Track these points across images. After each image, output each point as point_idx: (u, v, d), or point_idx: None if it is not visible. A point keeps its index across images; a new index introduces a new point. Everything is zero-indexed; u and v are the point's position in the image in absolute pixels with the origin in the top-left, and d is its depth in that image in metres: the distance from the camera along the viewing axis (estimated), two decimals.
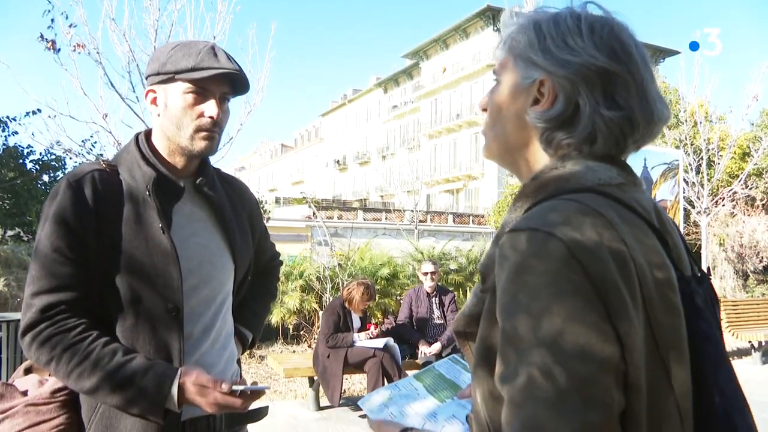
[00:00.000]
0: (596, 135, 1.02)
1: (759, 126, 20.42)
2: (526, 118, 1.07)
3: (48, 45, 7.39)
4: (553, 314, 0.83)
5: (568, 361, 0.81)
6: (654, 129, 1.06)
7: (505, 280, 0.90)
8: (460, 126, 51.80)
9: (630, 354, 0.85)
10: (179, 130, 1.72)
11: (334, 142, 76.08)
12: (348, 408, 6.86)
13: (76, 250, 1.58)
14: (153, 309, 1.64)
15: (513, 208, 1.05)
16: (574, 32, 1.03)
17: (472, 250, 14.18)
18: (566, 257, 0.85)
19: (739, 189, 14.78)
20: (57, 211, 1.59)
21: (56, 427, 1.58)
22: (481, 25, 49.73)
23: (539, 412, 0.81)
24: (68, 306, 1.57)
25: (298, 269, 11.38)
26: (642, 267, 0.90)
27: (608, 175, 1.01)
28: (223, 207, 1.85)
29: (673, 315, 0.93)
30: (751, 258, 16.80)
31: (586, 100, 1.01)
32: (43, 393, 1.60)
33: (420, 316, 7.41)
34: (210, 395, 1.56)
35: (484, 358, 0.98)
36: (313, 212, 15.43)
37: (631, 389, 0.85)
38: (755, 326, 10.10)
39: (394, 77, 64.88)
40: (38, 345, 1.55)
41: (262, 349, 10.12)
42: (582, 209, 0.91)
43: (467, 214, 45.00)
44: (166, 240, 1.66)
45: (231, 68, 1.70)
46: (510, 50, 1.11)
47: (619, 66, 1.01)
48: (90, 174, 1.66)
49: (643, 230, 0.96)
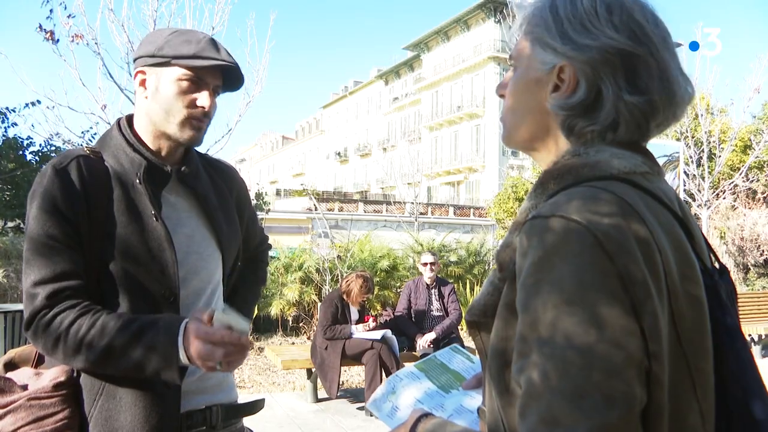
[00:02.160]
0: (619, 121, 0.99)
1: (761, 118, 20.37)
2: (546, 105, 1.04)
3: (47, 35, 7.38)
4: (577, 305, 0.81)
5: (590, 354, 0.79)
6: (677, 110, 1.03)
7: (528, 267, 0.87)
8: (461, 118, 51.76)
9: (653, 349, 0.82)
10: (167, 115, 1.69)
11: (335, 134, 76.05)
12: (346, 400, 6.88)
13: (71, 237, 1.57)
14: (149, 295, 1.63)
15: (533, 194, 1.02)
16: (591, 14, 0.99)
17: (472, 243, 14.20)
18: (594, 247, 0.82)
19: (740, 182, 14.77)
20: (46, 199, 1.58)
21: (60, 422, 1.56)
22: (482, 17, 49.61)
23: (557, 405, 0.79)
24: (72, 291, 1.56)
25: (297, 261, 11.40)
26: (668, 258, 0.88)
27: (633, 162, 0.98)
28: (207, 196, 1.83)
29: (697, 308, 0.90)
30: (752, 251, 16.77)
31: (608, 86, 0.98)
32: (45, 387, 1.58)
33: (418, 308, 7.40)
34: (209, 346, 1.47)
35: (501, 351, 0.95)
36: (314, 204, 15.41)
37: (654, 385, 0.83)
38: (756, 319, 10.10)
39: (396, 69, 64.79)
40: (44, 327, 1.53)
41: (260, 341, 10.13)
42: (609, 198, 0.88)
43: (468, 207, 45.04)
44: (160, 226, 1.65)
45: (231, 62, 1.70)
46: (527, 34, 1.08)
47: (639, 47, 0.97)
48: (75, 160, 1.64)
49: (669, 221, 0.94)
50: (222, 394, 1.81)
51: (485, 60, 48.44)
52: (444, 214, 42.17)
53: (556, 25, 1.02)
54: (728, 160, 14.87)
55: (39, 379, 1.62)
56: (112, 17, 7.52)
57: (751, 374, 0.96)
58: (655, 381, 0.83)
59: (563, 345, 0.80)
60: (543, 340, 0.82)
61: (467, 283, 12.57)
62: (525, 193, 19.13)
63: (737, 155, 16.95)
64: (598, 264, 0.82)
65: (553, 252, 0.84)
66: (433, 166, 53.66)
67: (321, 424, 6.08)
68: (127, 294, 1.61)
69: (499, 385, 0.95)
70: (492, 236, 20.50)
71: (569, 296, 0.81)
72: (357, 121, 71.47)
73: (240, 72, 1.74)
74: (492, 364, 0.97)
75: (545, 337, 0.82)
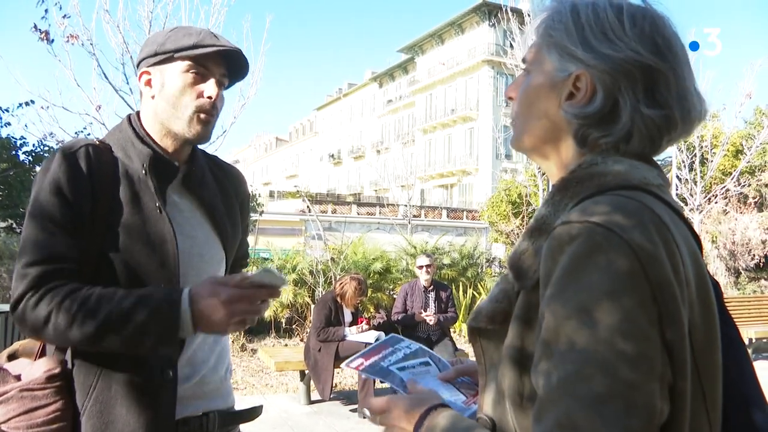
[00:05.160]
0: (633, 133, 0.97)
1: (752, 124, 20.46)
2: (559, 112, 1.02)
3: (41, 36, 7.37)
4: (606, 313, 0.80)
5: (614, 363, 0.78)
6: (690, 127, 1.02)
7: (559, 272, 0.85)
8: (455, 121, 51.72)
9: (678, 363, 0.82)
10: (176, 110, 1.68)
11: (328, 136, 75.89)
12: (339, 402, 6.88)
13: (72, 221, 1.55)
14: None
15: (551, 200, 1.00)
16: (615, 24, 0.97)
17: (465, 245, 14.21)
18: (628, 256, 0.81)
19: (731, 186, 14.81)
20: (52, 181, 1.56)
21: (52, 413, 1.54)
22: (476, 20, 49.62)
23: (576, 411, 0.78)
24: (65, 274, 1.53)
25: (291, 263, 11.39)
26: (688, 269, 0.87)
27: (651, 174, 0.97)
28: (213, 197, 1.82)
29: (710, 319, 0.90)
30: (743, 255, 16.86)
31: (626, 98, 0.96)
32: (38, 378, 1.56)
33: (414, 311, 7.37)
34: (224, 292, 1.49)
35: (516, 360, 0.94)
36: (307, 206, 15.39)
37: (676, 399, 0.83)
38: (746, 323, 10.15)
39: (390, 72, 64.71)
40: (33, 305, 1.49)
41: (254, 343, 10.12)
42: (638, 207, 0.87)
43: (461, 209, 44.98)
44: (164, 219, 1.64)
45: (232, 47, 1.69)
46: (544, 38, 1.05)
47: (662, 62, 0.96)
48: (84, 147, 1.62)
49: (685, 232, 0.93)
50: (219, 400, 1.79)
51: (479, 63, 48.44)
52: (437, 216, 42.14)
53: (578, 31, 1.00)
54: (720, 164, 14.93)
55: (32, 369, 1.60)
56: (108, 18, 7.54)
57: (751, 383, 0.98)
58: (678, 395, 0.83)
59: (587, 351, 0.80)
60: (566, 344, 0.81)
61: (460, 286, 12.57)
62: (518, 196, 19.15)
63: (729, 160, 17.02)
64: (630, 272, 0.81)
65: (586, 257, 0.83)
66: (427, 168, 53.59)
67: (314, 426, 6.08)
68: (126, 286, 1.58)
69: (514, 394, 0.94)
70: (485, 239, 20.51)
71: (598, 303, 0.80)
72: (351, 123, 71.34)
73: (243, 56, 1.73)
74: (506, 373, 0.96)
75: (569, 342, 0.81)
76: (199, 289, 1.52)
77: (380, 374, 1.28)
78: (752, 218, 17.21)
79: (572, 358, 0.80)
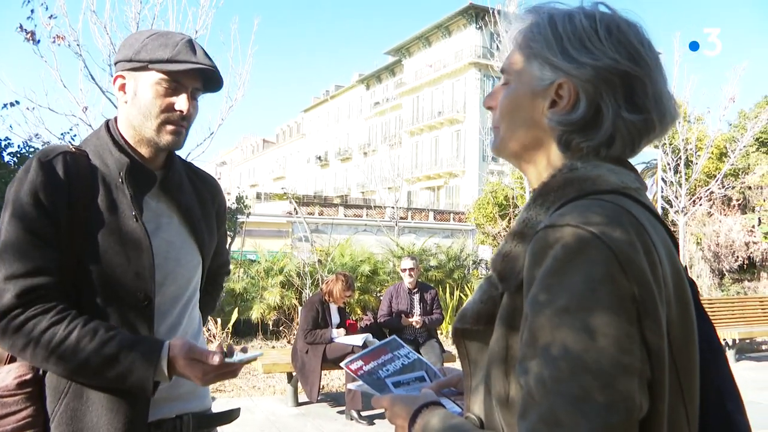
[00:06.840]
0: (615, 138, 1.01)
1: (736, 127, 20.66)
2: (541, 119, 1.05)
3: (27, 36, 7.32)
4: (587, 313, 0.83)
5: (595, 361, 0.81)
6: (666, 129, 1.06)
7: (542, 274, 0.88)
8: (442, 123, 51.82)
9: (656, 360, 0.85)
10: (146, 120, 1.68)
11: (315, 138, 75.79)
12: (326, 404, 6.88)
13: (50, 232, 1.53)
14: (124, 298, 1.60)
15: (532, 205, 1.03)
16: (591, 34, 1.01)
17: (452, 247, 14.25)
18: (608, 258, 0.84)
19: (716, 189, 14.95)
20: (29, 190, 1.54)
21: (22, 420, 1.53)
22: (463, 23, 49.76)
23: (559, 408, 0.81)
24: (45, 290, 1.52)
25: (278, 265, 11.37)
26: (665, 269, 0.91)
27: (628, 178, 1.01)
28: (190, 202, 1.81)
29: (687, 317, 0.94)
30: (727, 257, 17.03)
31: (608, 104, 1.00)
32: (8, 385, 1.54)
33: (400, 313, 7.39)
34: (201, 369, 1.55)
35: (501, 360, 0.97)
36: (294, 208, 15.38)
37: (655, 395, 0.86)
38: (730, 324, 10.27)
39: (377, 74, 64.76)
40: (14, 330, 1.49)
41: (241, 345, 10.05)
42: (617, 210, 0.90)
43: (448, 212, 45.05)
44: (140, 228, 1.63)
45: (208, 65, 1.67)
46: (523, 48, 1.08)
47: (638, 68, 1.00)
48: (62, 154, 1.61)
49: (662, 233, 0.97)
50: (195, 402, 1.78)
51: (466, 66, 48.58)
52: (424, 218, 42.18)
53: (557, 41, 1.03)
54: (704, 167, 15.04)
55: (2, 375, 1.57)
56: (95, 19, 7.51)
57: (726, 377, 1.01)
58: (657, 391, 0.86)
59: (570, 349, 0.82)
60: (550, 343, 0.84)
61: (447, 287, 12.61)
62: (504, 198, 19.22)
63: (713, 163, 17.18)
64: (611, 274, 0.84)
65: (568, 260, 0.86)
66: (414, 170, 53.67)
67: (301, 428, 6.08)
68: (101, 295, 1.58)
69: (500, 393, 0.97)
70: (472, 241, 20.57)
71: (580, 303, 0.84)
72: (338, 125, 71.31)
73: (218, 73, 1.72)
74: (492, 373, 0.99)
75: (552, 341, 0.84)
76: (178, 358, 1.55)
77: (375, 386, 1.30)
78: (736, 220, 17.40)
79: (555, 357, 0.83)
